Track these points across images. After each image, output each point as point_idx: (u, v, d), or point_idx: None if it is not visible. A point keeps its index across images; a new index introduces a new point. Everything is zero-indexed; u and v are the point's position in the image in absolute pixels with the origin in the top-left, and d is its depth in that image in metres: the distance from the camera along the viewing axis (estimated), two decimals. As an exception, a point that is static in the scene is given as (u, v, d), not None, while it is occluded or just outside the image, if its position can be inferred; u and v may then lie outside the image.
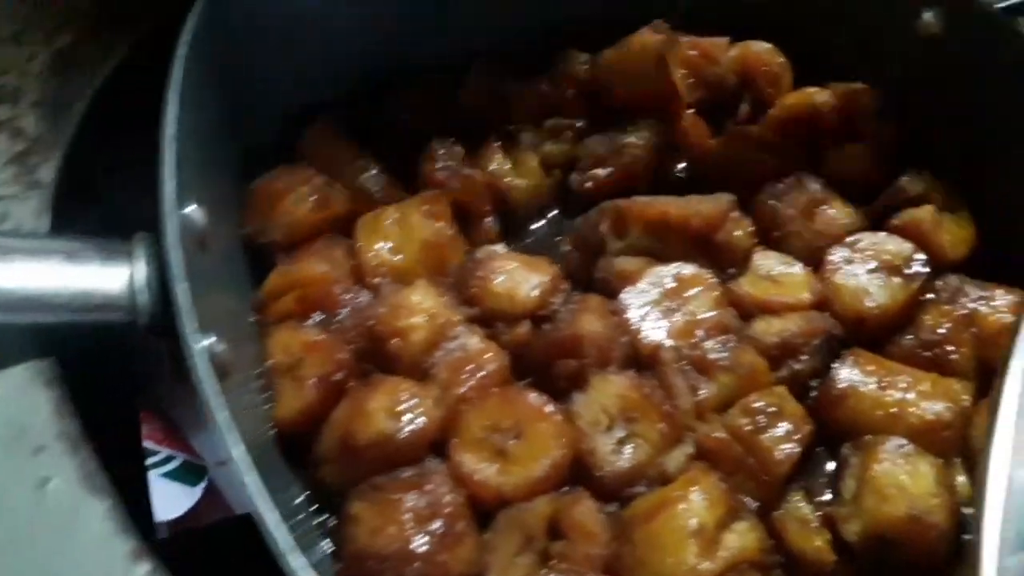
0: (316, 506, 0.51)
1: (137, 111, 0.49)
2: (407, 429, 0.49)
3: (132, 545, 0.41)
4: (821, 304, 0.59)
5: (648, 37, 0.68)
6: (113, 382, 0.55)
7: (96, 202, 0.55)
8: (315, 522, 0.51)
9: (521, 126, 0.67)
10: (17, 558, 0.40)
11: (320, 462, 0.51)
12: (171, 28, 0.52)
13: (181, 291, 0.42)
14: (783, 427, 0.52)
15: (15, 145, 0.52)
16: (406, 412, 0.49)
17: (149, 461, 0.64)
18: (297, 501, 0.51)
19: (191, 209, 0.48)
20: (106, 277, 0.45)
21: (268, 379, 0.53)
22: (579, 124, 0.67)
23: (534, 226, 0.67)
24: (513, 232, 0.66)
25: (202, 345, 0.42)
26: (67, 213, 0.51)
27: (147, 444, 0.63)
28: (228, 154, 0.56)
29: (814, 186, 0.63)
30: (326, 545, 0.50)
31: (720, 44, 0.71)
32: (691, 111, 0.69)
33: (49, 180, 0.51)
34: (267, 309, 0.56)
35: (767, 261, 0.61)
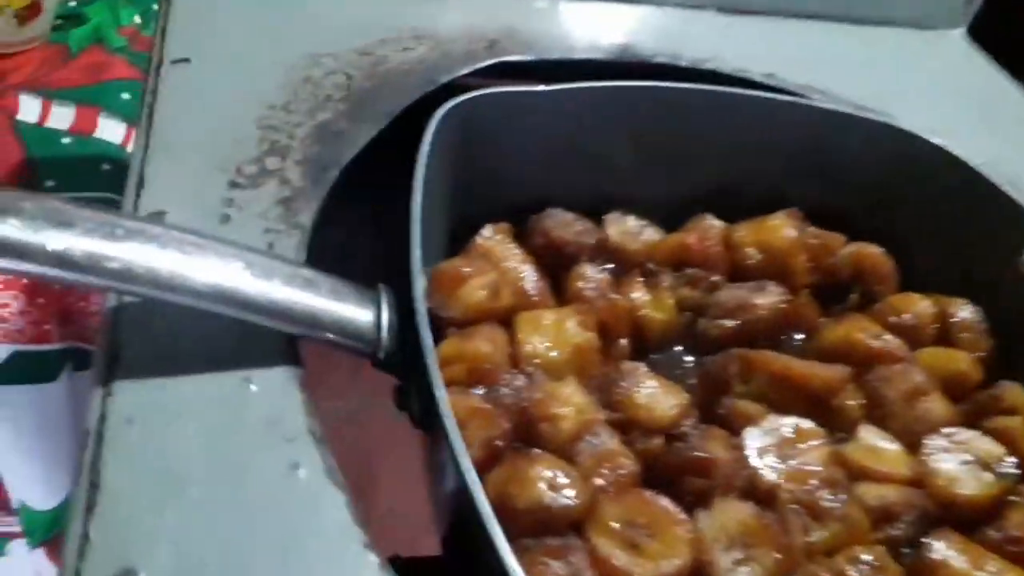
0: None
1: (381, 181, 0.57)
2: (562, 503, 0.53)
3: (366, 538, 0.45)
4: (917, 482, 0.64)
5: (782, 222, 0.78)
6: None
7: (342, 249, 0.61)
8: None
9: (662, 268, 0.75)
10: (270, 525, 0.43)
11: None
12: (414, 120, 0.61)
13: (426, 339, 0.48)
14: (884, 584, 0.57)
15: (282, 191, 0.59)
16: (562, 487, 0.54)
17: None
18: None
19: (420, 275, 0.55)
20: (358, 313, 0.51)
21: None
22: (714, 278, 0.74)
23: (655, 356, 0.74)
24: (637, 357, 0.72)
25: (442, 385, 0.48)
26: (319, 254, 0.58)
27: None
28: (439, 238, 0.64)
29: (918, 377, 0.70)
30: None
31: (838, 239, 0.81)
32: (806, 290, 0.78)
33: (307, 224, 0.58)
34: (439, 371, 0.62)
35: (870, 435, 0.67)
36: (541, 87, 0.72)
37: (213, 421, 0.47)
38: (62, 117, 0.89)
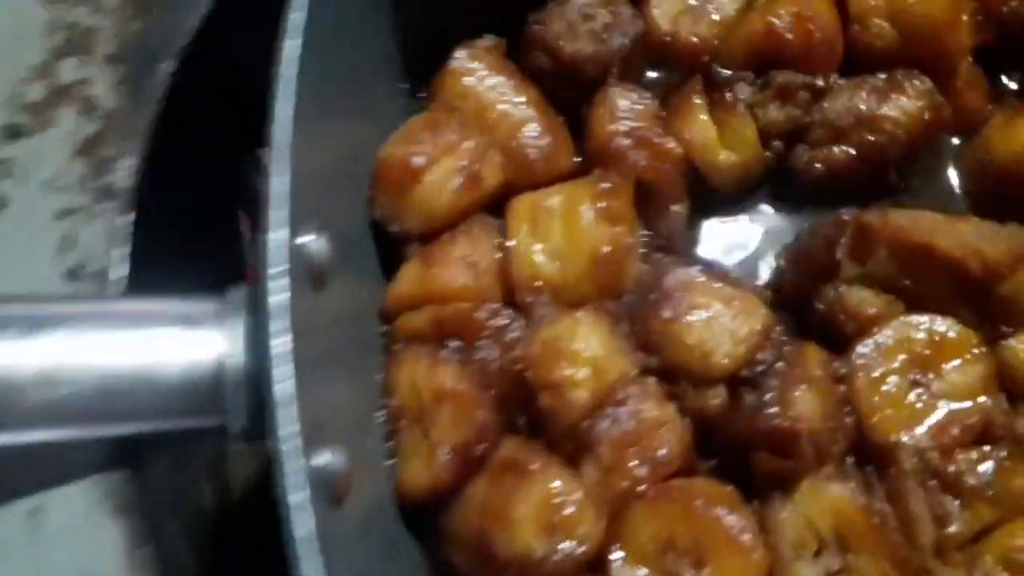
0: None
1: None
2: (560, 554, 0.38)
3: None
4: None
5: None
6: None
7: (186, 225, 0.41)
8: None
9: (736, 75, 0.49)
10: None
11: (449, 541, 0.41)
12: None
13: (281, 391, 0.29)
14: (1054, 593, 0.39)
15: (84, 126, 0.37)
16: (562, 530, 0.38)
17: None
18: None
19: (308, 239, 0.35)
20: (189, 356, 0.33)
21: (392, 419, 0.42)
22: (820, 83, 0.48)
23: (726, 218, 0.51)
24: (700, 216, 0.50)
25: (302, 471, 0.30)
26: (153, 232, 0.38)
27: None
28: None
29: None
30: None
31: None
32: (969, 61, 0.51)
33: (125, 183, 0.38)
34: (395, 321, 0.44)
35: None
36: None
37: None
38: None
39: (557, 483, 0.39)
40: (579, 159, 0.49)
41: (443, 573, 0.41)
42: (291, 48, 0.34)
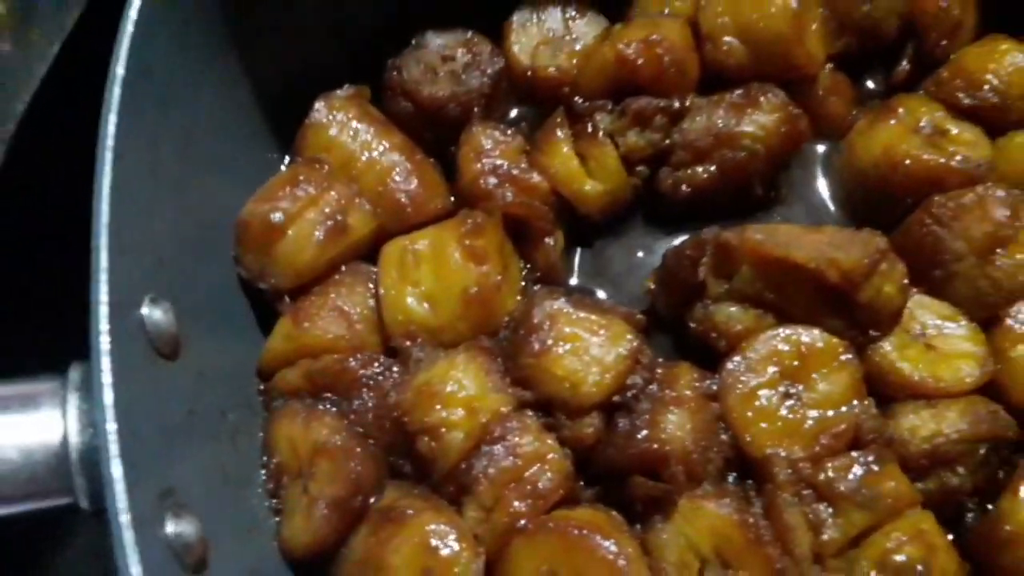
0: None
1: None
2: None
3: None
4: (992, 387, 0.44)
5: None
6: None
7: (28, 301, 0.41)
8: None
9: (595, 105, 0.50)
10: None
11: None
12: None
13: (114, 467, 0.30)
14: (931, 594, 0.40)
15: None
16: (438, 573, 0.38)
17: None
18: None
19: (146, 310, 0.35)
20: (31, 439, 0.33)
21: (274, 477, 0.43)
22: (676, 105, 0.49)
23: (602, 245, 0.51)
24: (575, 245, 0.51)
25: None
26: None
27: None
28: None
29: (1000, 212, 0.46)
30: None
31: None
32: (830, 66, 0.52)
33: None
34: (272, 378, 0.44)
35: (923, 313, 0.46)
36: None
37: None
38: None
39: (432, 526, 0.39)
40: (454, 198, 0.50)
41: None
42: (109, 124, 0.34)
